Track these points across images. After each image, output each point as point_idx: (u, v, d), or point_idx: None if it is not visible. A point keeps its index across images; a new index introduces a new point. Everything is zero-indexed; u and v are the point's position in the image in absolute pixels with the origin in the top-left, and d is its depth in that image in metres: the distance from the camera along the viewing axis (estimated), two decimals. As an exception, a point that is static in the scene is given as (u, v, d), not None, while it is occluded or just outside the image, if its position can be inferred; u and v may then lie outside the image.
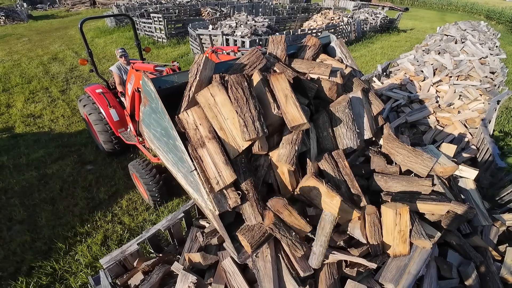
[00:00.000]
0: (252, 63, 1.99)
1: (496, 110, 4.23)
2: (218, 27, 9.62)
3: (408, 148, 1.95)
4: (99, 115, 4.12)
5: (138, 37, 4.71)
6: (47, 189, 4.12)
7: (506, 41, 16.48)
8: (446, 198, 1.80)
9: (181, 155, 1.66)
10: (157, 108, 1.69)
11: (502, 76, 5.69)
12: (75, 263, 3.08)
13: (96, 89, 4.18)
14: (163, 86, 1.76)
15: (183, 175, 1.77)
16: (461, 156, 3.43)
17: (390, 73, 6.01)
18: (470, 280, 1.81)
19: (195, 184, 1.65)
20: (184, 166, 1.69)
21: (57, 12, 20.53)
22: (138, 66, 3.55)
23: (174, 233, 2.53)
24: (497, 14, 28.31)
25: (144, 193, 3.70)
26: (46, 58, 9.59)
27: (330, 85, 2.08)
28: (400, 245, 1.72)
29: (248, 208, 1.66)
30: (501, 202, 2.65)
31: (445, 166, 1.96)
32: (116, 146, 4.35)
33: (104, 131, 4.16)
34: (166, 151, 1.83)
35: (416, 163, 1.89)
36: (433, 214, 1.82)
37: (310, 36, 2.47)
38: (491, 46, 8.06)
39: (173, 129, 1.63)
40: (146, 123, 1.91)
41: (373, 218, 1.74)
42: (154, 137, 1.90)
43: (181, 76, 1.86)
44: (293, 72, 2.09)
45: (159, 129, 1.78)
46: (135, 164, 3.56)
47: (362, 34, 13.32)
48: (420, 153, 1.90)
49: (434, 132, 3.75)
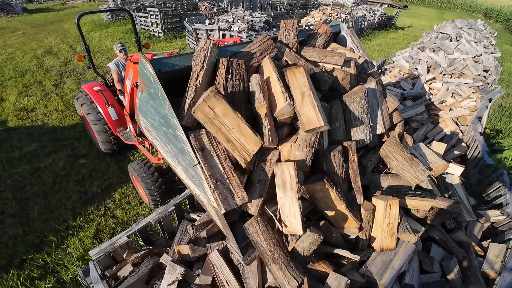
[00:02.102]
0: (263, 50, 1.78)
1: (488, 108, 4.28)
2: (215, 22, 9.55)
3: (406, 156, 1.88)
4: (98, 115, 4.02)
5: (137, 33, 4.56)
6: (40, 183, 4.11)
7: (503, 39, 16.50)
8: (431, 195, 1.82)
9: (182, 146, 1.49)
10: (156, 94, 1.52)
11: (496, 74, 5.73)
12: (67, 256, 3.10)
13: (93, 87, 4.06)
14: (163, 69, 1.58)
15: (184, 168, 1.61)
16: (452, 153, 3.47)
17: (385, 70, 6.02)
18: (452, 275, 1.84)
19: (197, 178, 1.48)
20: (185, 158, 1.53)
21: (52, 5, 20.24)
22: (135, 58, 3.46)
23: (165, 226, 2.56)
24: (495, 12, 28.36)
25: (144, 194, 3.63)
26: (40, 52, 9.47)
27: (343, 75, 1.94)
28: (388, 238, 1.74)
29: (277, 272, 1.46)
30: (488, 199, 2.69)
31: (436, 165, 1.99)
32: (115, 146, 4.29)
33: (102, 131, 4.06)
34: (165, 141, 1.68)
35: (408, 172, 1.84)
36: (418, 211, 1.84)
37: (321, 22, 2.28)
38: (487, 44, 8.09)
39: (174, 116, 1.45)
40: (143, 111, 1.75)
41: (369, 214, 1.77)
42: (152, 126, 1.74)
43: (183, 58, 1.67)
44: (307, 63, 1.90)
45: (158, 117, 1.62)
46: (135, 166, 3.45)
47: (360, 31, 13.29)
48: (416, 163, 1.83)
49: (426, 129, 3.78)
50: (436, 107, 4.07)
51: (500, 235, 2.25)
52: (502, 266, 1.89)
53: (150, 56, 3.14)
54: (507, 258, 1.93)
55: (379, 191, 1.87)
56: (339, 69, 1.98)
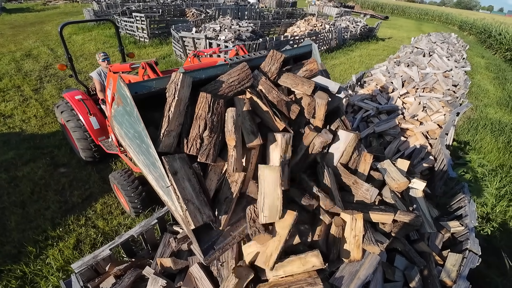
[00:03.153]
0: (241, 79, 1.91)
1: (455, 122, 4.61)
2: (202, 30, 9.64)
3: (352, 180, 2.12)
4: (78, 122, 4.01)
5: (121, 43, 4.62)
6: (17, 192, 4.02)
7: (475, 52, 17.56)
8: (393, 209, 2.00)
9: (153, 160, 1.63)
10: (131, 113, 1.62)
11: (464, 88, 6.16)
12: (46, 266, 3.06)
13: (75, 95, 4.05)
14: (139, 91, 1.67)
15: (154, 178, 1.74)
16: (421, 165, 3.73)
17: (364, 82, 6.33)
18: (413, 283, 2.02)
19: (166, 189, 1.65)
20: (156, 171, 1.66)
21: (33, 5, 19.63)
22: (115, 67, 3.50)
23: (148, 238, 2.60)
24: (469, 25, 30.01)
25: (126, 204, 3.65)
26: (19, 55, 9.19)
27: (309, 101, 2.14)
28: (355, 249, 1.89)
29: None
30: (451, 210, 2.93)
31: (399, 182, 2.20)
32: (96, 155, 4.27)
33: (82, 138, 4.05)
34: (138, 152, 1.79)
35: (358, 192, 2.09)
36: (385, 225, 2.02)
37: (313, 60, 2.43)
38: (458, 58, 8.66)
39: (148, 137, 1.58)
40: (118, 121, 1.82)
41: (339, 230, 1.92)
42: (126, 135, 1.83)
43: (159, 82, 1.77)
44: (278, 92, 2.07)
45: (132, 131, 1.72)
46: (116, 175, 3.48)
47: (343, 42, 13.79)
48: (360, 185, 2.07)
49: (398, 142, 4.04)
50: (408, 121, 4.35)
51: (459, 245, 2.47)
52: (457, 275, 2.09)
53: (128, 65, 3.24)
54: (463, 267, 2.13)
55: (349, 208, 2.04)
56: (307, 96, 2.15)
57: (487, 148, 5.56)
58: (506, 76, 12.28)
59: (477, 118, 7.03)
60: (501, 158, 5.37)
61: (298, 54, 2.74)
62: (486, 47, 20.71)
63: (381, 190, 2.19)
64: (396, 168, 2.25)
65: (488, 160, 5.20)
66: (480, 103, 8.20)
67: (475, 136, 5.88)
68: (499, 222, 3.82)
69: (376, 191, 1.95)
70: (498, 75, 12.22)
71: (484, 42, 22.01)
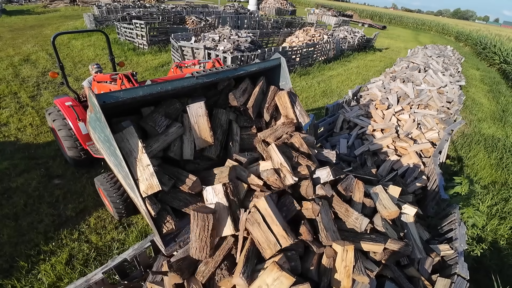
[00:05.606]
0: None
1: (448, 141, 4.67)
2: (201, 39, 9.72)
3: (343, 208, 2.17)
4: (64, 121, 4.16)
5: (112, 52, 4.77)
6: (10, 204, 3.99)
7: (470, 63, 17.83)
8: (383, 239, 2.03)
9: (120, 161, 1.84)
10: (100, 119, 1.84)
11: (458, 104, 6.25)
12: (37, 282, 3.04)
13: (65, 102, 4.18)
14: (108, 101, 1.89)
15: (122, 176, 1.96)
16: (414, 184, 3.77)
17: (360, 97, 6.41)
18: (403, 310, 2.05)
19: (132, 187, 1.90)
20: (122, 171, 1.88)
21: (34, 8, 19.67)
22: (98, 77, 3.74)
23: (141, 261, 2.60)
24: (464, 36, 30.49)
25: (109, 206, 3.74)
26: (17, 59, 9.18)
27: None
28: (345, 279, 1.92)
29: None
30: (441, 232, 2.96)
31: (390, 211, 2.25)
32: (82, 154, 4.34)
33: (68, 136, 4.17)
34: (109, 153, 2.00)
35: (348, 220, 2.15)
36: (376, 253, 2.05)
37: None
38: (453, 72, 8.80)
39: (114, 140, 1.80)
40: (93, 126, 2.05)
41: (330, 260, 1.94)
42: (99, 139, 2.05)
43: (127, 92, 1.99)
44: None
45: (103, 135, 1.94)
46: (101, 179, 3.58)
47: (341, 53, 13.95)
48: (350, 213, 2.12)
49: (392, 161, 4.09)
50: (402, 139, 4.41)
51: (448, 269, 2.50)
52: (446, 301, 2.12)
53: (108, 76, 3.53)
54: (451, 293, 2.16)
55: (342, 236, 2.07)
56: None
57: (480, 165, 5.63)
58: (500, 89, 12.49)
59: (471, 133, 7.13)
60: (494, 175, 5.44)
61: (268, 67, 2.99)
62: (481, 59, 21.05)
63: (373, 218, 2.23)
64: (388, 195, 2.29)
65: (480, 177, 5.27)
66: (474, 118, 8.33)
67: (469, 153, 5.96)
68: (489, 241, 3.87)
69: (366, 221, 1.98)
70: (493, 88, 12.42)
71: (479, 53, 22.38)
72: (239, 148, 2.69)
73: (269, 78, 3.22)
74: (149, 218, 1.89)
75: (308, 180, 2.15)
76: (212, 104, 2.81)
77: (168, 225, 1.95)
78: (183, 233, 2.03)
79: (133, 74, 3.57)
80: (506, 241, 3.96)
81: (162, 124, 2.23)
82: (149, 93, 2.07)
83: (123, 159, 1.81)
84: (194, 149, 2.38)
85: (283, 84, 3.21)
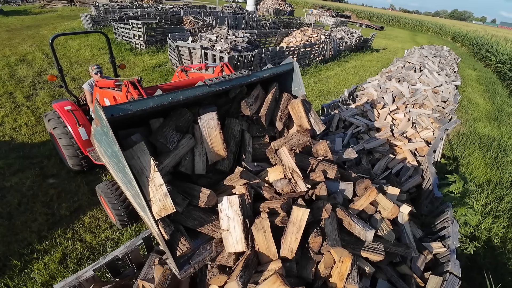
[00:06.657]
0: None
1: (443, 139, 4.69)
2: (198, 39, 9.72)
3: (348, 219, 2.13)
4: (64, 129, 4.03)
5: (113, 54, 4.67)
6: (4, 203, 3.98)
7: (467, 64, 17.89)
8: (384, 247, 2.06)
9: (130, 179, 1.68)
10: (107, 134, 1.67)
11: (453, 103, 6.28)
12: (30, 280, 3.02)
13: (64, 106, 4.06)
14: (116, 114, 1.73)
15: (132, 195, 1.80)
16: (409, 183, 3.78)
17: (356, 96, 6.43)
18: (394, 307, 2.05)
19: (143, 207, 1.71)
20: (132, 188, 1.72)
21: (31, 8, 19.63)
22: (101, 83, 3.55)
23: (133, 258, 2.59)
24: (461, 36, 30.59)
25: (112, 215, 3.65)
26: (14, 59, 9.15)
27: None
28: (338, 282, 1.93)
29: None
30: (435, 230, 2.97)
31: (389, 210, 2.28)
32: (83, 162, 4.26)
33: (68, 145, 4.07)
34: (116, 169, 1.82)
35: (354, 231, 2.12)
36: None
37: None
38: (449, 72, 8.84)
39: (123, 157, 1.63)
40: (98, 139, 1.88)
41: (328, 270, 1.95)
42: (105, 153, 1.88)
43: (136, 104, 1.82)
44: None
45: (110, 150, 1.76)
46: (103, 187, 3.48)
47: (338, 53, 13.99)
48: (353, 226, 2.10)
49: (387, 160, 4.10)
50: (397, 138, 4.42)
51: (440, 266, 2.50)
52: (437, 298, 2.13)
53: (112, 82, 3.28)
54: (443, 290, 2.17)
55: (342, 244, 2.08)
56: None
57: (474, 164, 5.66)
58: (496, 89, 12.56)
59: (466, 132, 7.16)
60: (488, 174, 5.47)
61: (280, 72, 2.85)
62: (478, 59, 21.16)
63: (372, 218, 2.25)
64: (385, 197, 2.31)
65: (475, 176, 5.29)
66: (469, 117, 8.36)
67: (464, 152, 5.98)
68: (483, 239, 3.88)
69: (371, 233, 1.99)
70: (489, 88, 12.48)
71: (476, 54, 22.49)
72: (251, 159, 2.53)
73: (281, 83, 3.04)
74: (162, 241, 1.73)
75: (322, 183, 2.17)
76: (224, 113, 2.63)
77: (182, 247, 1.79)
78: (197, 254, 1.88)
79: (139, 80, 3.28)
80: (500, 239, 3.97)
81: (173, 140, 2.05)
82: (160, 104, 1.92)
83: (133, 178, 1.64)
84: (206, 162, 2.22)
85: (295, 90, 3.03)
